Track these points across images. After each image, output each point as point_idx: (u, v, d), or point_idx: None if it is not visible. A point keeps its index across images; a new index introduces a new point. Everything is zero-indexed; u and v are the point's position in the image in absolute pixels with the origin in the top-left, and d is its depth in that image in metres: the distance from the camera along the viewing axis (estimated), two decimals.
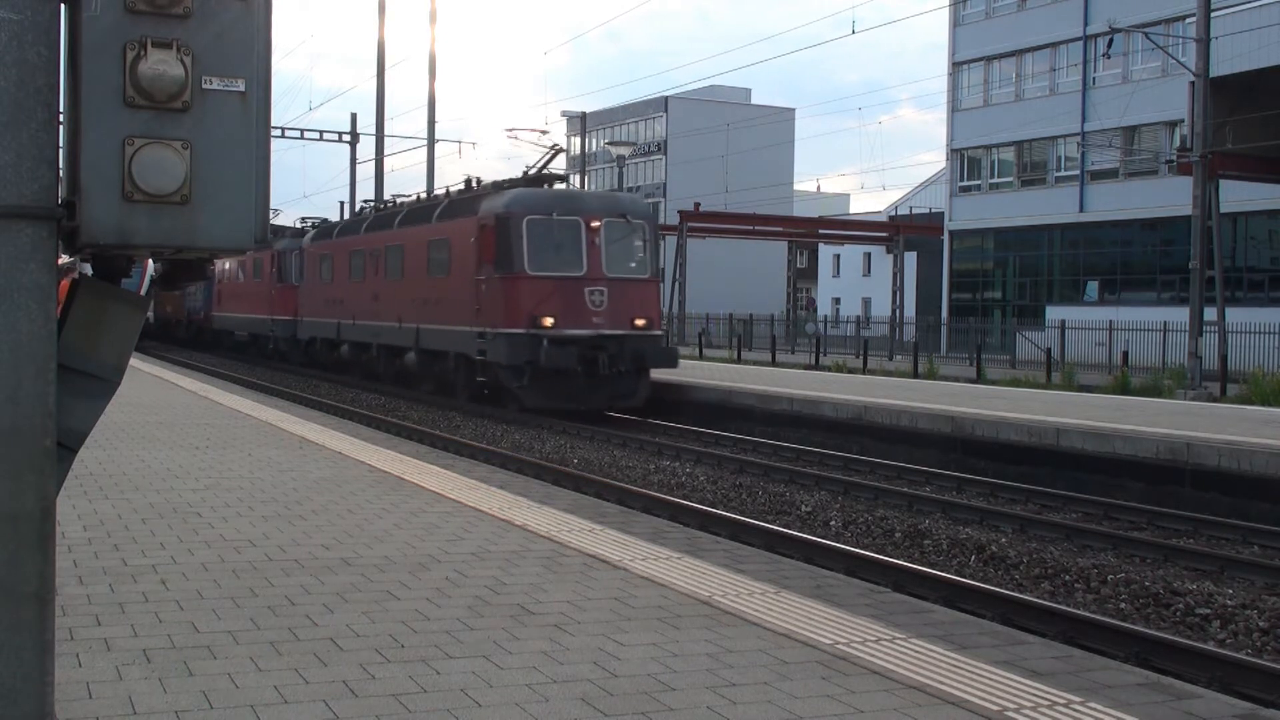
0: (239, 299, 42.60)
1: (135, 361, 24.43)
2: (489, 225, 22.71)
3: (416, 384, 27.24)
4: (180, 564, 6.49)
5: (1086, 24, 46.87)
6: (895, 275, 54.23)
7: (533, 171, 24.75)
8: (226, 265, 43.07)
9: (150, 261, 3.39)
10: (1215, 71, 30.80)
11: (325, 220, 40.26)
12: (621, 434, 18.79)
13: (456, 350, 24.14)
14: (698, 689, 4.58)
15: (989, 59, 52.53)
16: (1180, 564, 10.08)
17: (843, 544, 11.10)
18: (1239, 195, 37.64)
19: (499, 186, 24.31)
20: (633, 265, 23.12)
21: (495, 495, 9.33)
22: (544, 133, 34.43)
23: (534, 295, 21.64)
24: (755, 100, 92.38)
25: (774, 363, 38.69)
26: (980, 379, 30.59)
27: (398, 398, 26.72)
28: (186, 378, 24.14)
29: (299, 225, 41.65)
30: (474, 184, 26.27)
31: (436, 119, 42.92)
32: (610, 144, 44.91)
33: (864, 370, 34.03)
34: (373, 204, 36.55)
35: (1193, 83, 30.24)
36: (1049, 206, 48.74)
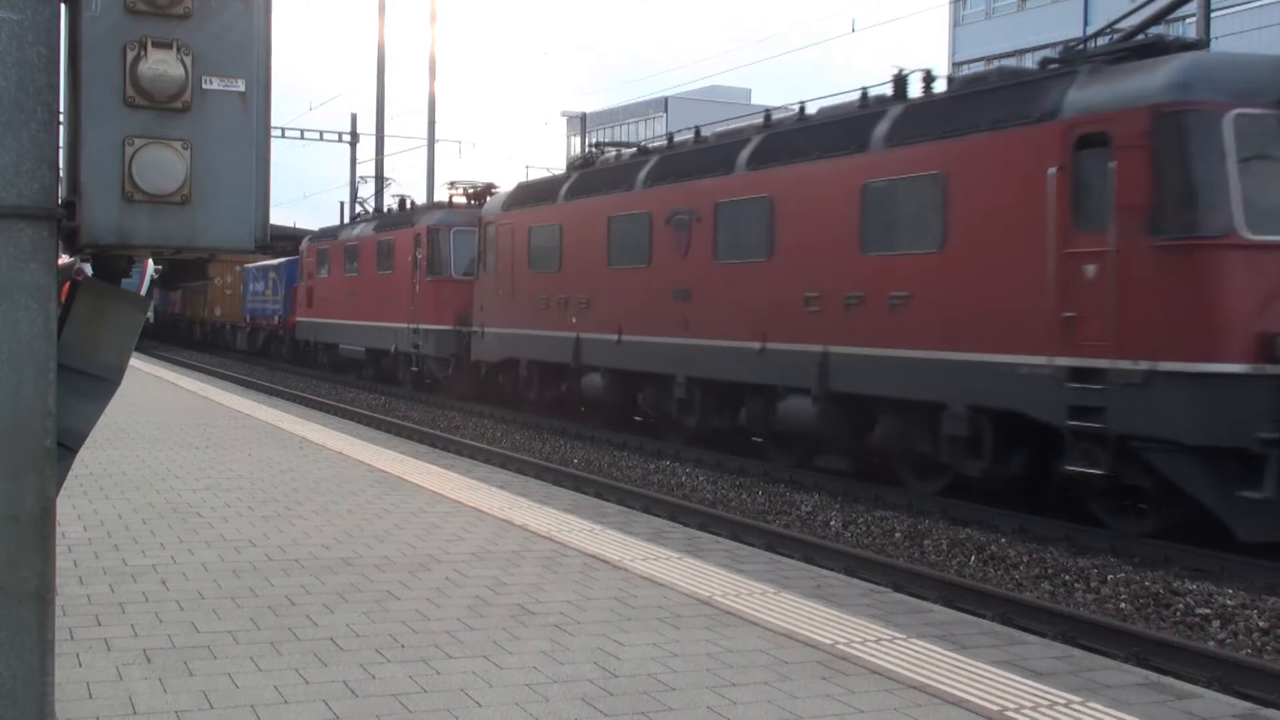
0: (347, 299, 31.39)
1: (135, 361, 24.45)
2: None
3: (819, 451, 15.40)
4: (180, 564, 6.49)
5: (1086, 24, 46.89)
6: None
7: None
8: (324, 249, 34.03)
9: (150, 262, 3.39)
10: None
11: (495, 188, 27.59)
12: (621, 434, 18.78)
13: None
14: (698, 689, 4.58)
15: (989, 59, 52.52)
16: (1180, 564, 10.08)
17: (843, 544, 11.09)
18: None
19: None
20: None
21: (495, 495, 9.33)
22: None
23: None
24: (755, 100, 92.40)
25: None
26: None
27: (397, 398, 26.68)
28: (186, 378, 24.15)
29: (396, 200, 32.58)
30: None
31: (437, 119, 42.98)
32: (609, 144, 44.87)
33: None
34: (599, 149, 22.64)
35: None
36: None
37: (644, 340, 17.60)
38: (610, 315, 18.46)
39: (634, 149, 20.33)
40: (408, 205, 31.10)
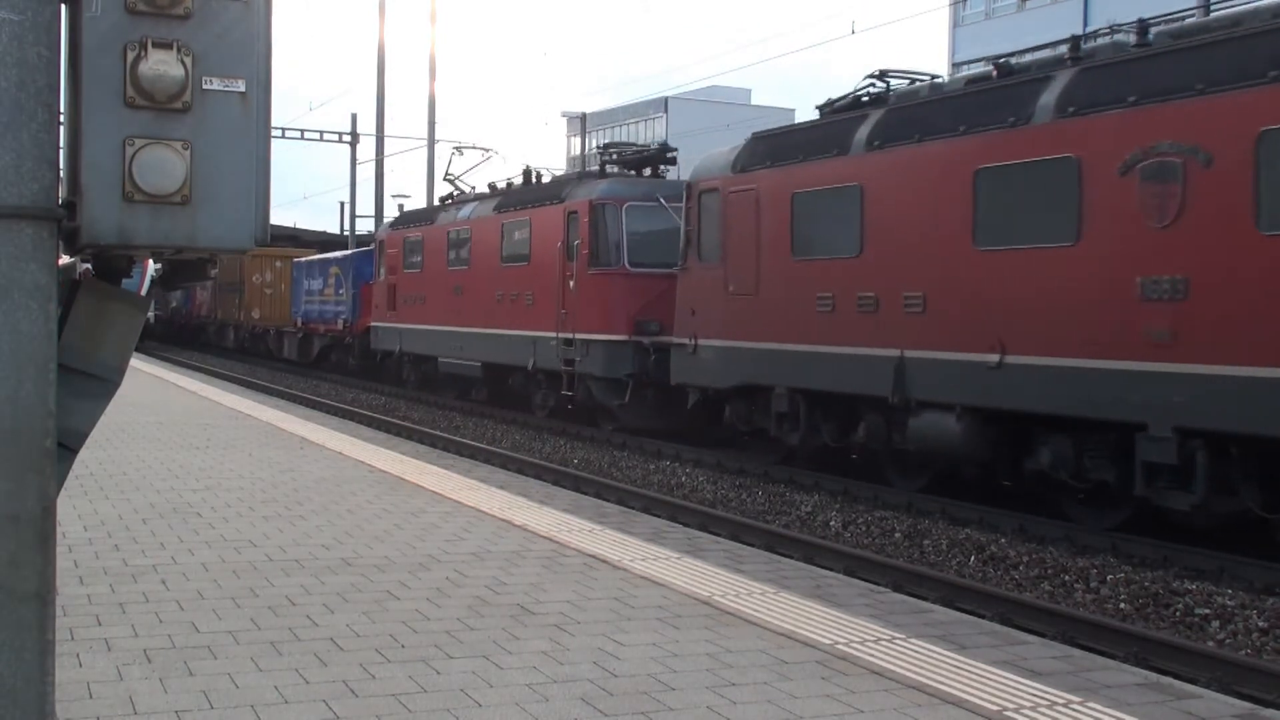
0: (451, 299, 24.47)
1: (135, 361, 24.45)
2: None
3: None
4: (181, 564, 6.49)
5: (1086, 24, 46.88)
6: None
7: None
8: (415, 237, 26.76)
9: (150, 262, 3.39)
10: None
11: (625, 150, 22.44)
12: (622, 435, 18.79)
13: None
14: (698, 689, 4.58)
15: (989, 59, 52.54)
16: (1180, 564, 10.08)
17: (842, 544, 11.10)
18: None
19: None
20: None
21: (495, 495, 9.33)
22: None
23: None
24: (755, 100, 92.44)
25: None
26: None
27: (397, 398, 26.68)
28: (186, 378, 24.15)
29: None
30: None
31: (437, 119, 42.85)
32: (610, 145, 44.89)
33: None
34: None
35: None
36: None
37: (1063, 365, 11.05)
38: (978, 322, 11.95)
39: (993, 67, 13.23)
40: (535, 178, 23.66)
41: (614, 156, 21.91)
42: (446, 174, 28.49)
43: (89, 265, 3.16)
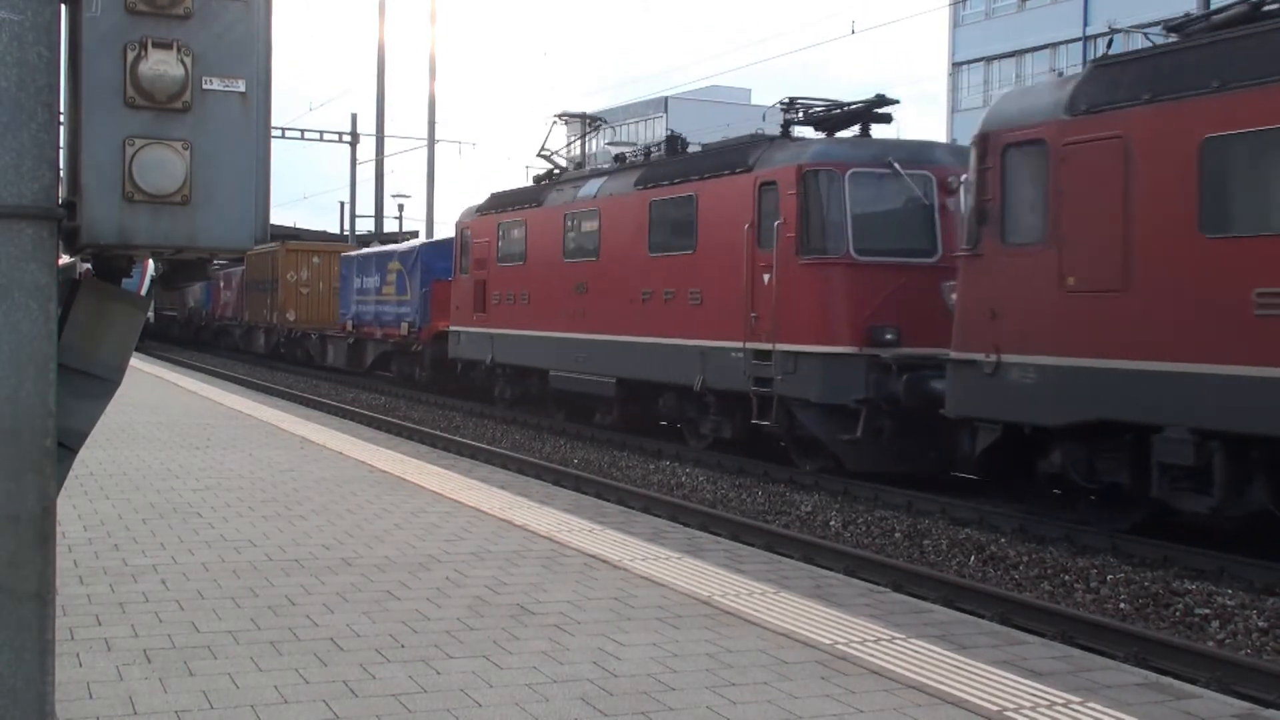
0: (570, 299, 19.65)
1: (135, 361, 24.45)
2: None
3: None
4: (180, 564, 6.49)
5: (1086, 24, 46.90)
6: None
7: None
8: (513, 221, 21.76)
9: (150, 261, 3.40)
10: None
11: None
12: (622, 435, 18.79)
13: None
14: (698, 689, 4.58)
15: (989, 59, 52.57)
16: (1180, 564, 10.08)
17: (842, 544, 11.10)
18: None
19: None
20: None
21: (495, 495, 9.33)
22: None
23: None
24: (755, 101, 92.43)
25: None
26: None
27: (398, 397, 26.69)
28: (186, 378, 24.16)
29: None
30: None
31: (437, 119, 42.80)
32: (610, 144, 44.99)
33: None
34: None
35: None
36: None
37: None
38: None
39: None
40: (680, 147, 18.75)
41: (799, 114, 16.25)
42: (542, 149, 22.91)
43: (89, 265, 3.16)
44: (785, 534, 11.38)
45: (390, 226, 51.86)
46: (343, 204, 57.04)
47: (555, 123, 23.46)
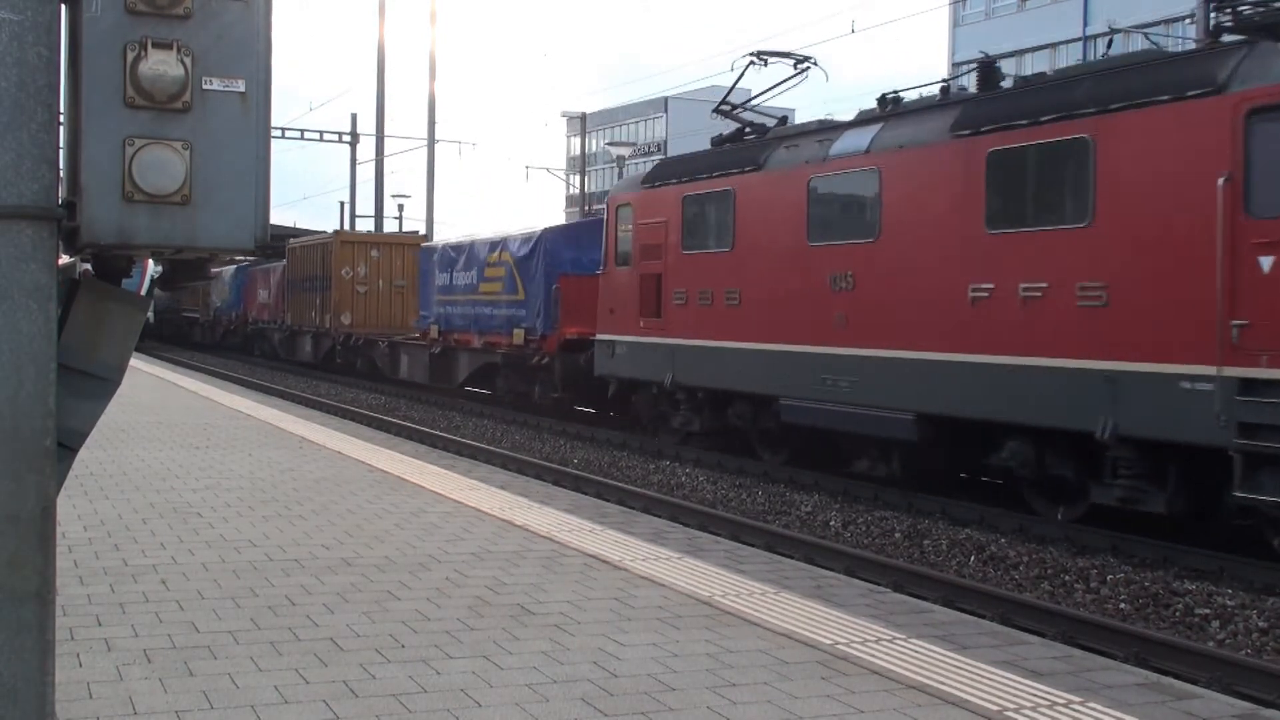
0: (815, 299, 14.18)
1: (135, 361, 24.43)
2: None
3: None
4: (180, 564, 6.49)
5: (1086, 24, 46.90)
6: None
7: None
8: (710, 193, 16.27)
9: (150, 261, 3.39)
10: None
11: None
12: (622, 435, 18.79)
13: None
14: (698, 689, 4.58)
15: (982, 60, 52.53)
16: (1180, 564, 10.08)
17: (843, 544, 11.10)
18: None
19: None
20: None
21: (495, 495, 9.33)
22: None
23: None
24: (755, 101, 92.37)
25: None
26: None
27: (397, 397, 26.66)
28: (186, 378, 24.15)
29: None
30: None
31: (437, 119, 42.81)
32: (610, 144, 44.97)
33: None
34: None
35: None
36: None
37: None
38: None
39: None
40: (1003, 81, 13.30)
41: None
42: (724, 101, 17.55)
43: (89, 265, 3.16)
44: (786, 534, 11.38)
45: (390, 226, 51.68)
46: (343, 204, 57.03)
47: (752, 62, 17.40)
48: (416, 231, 46.42)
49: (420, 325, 27.65)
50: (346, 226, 55.00)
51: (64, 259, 3.02)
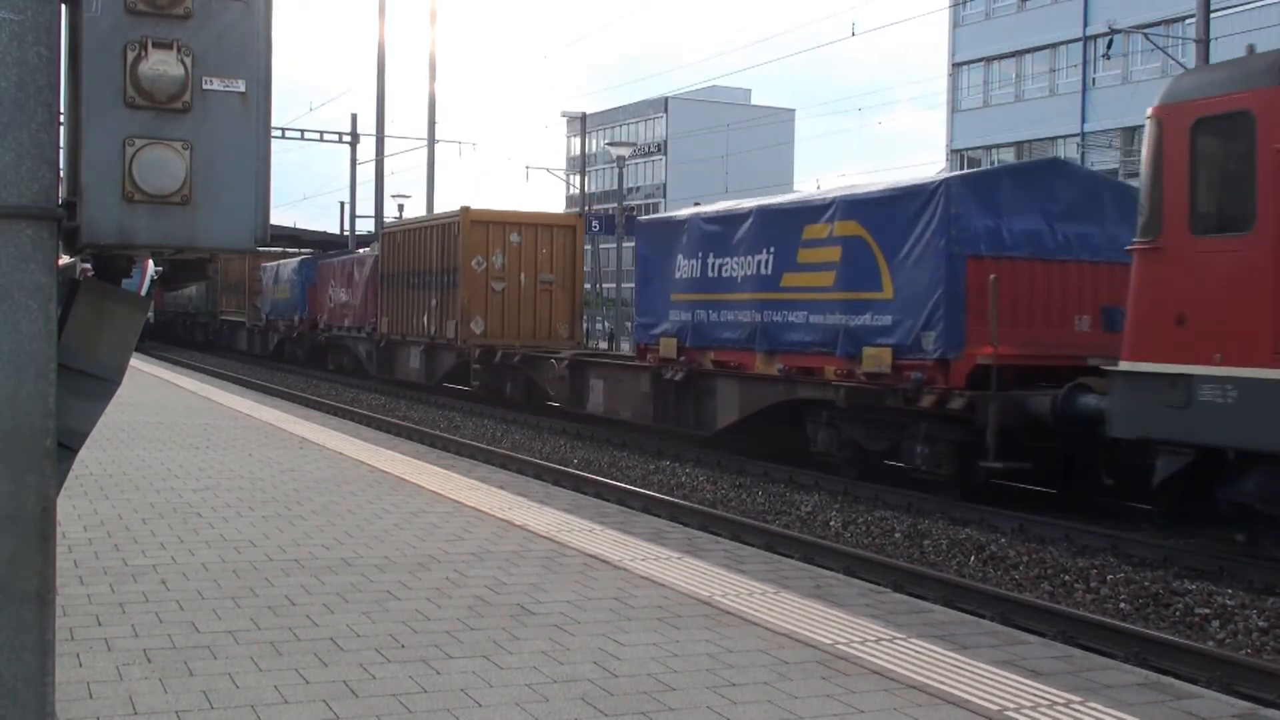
0: None
1: (135, 361, 24.38)
2: None
3: None
4: (180, 564, 6.49)
5: (1086, 25, 46.89)
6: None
7: None
8: None
9: (150, 261, 3.39)
10: None
11: None
12: (621, 434, 18.79)
13: None
14: (698, 689, 4.58)
15: (989, 60, 52.55)
16: (1180, 564, 10.08)
17: (843, 544, 11.10)
18: None
19: None
20: None
21: (495, 495, 9.33)
22: None
23: None
24: (755, 101, 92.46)
25: None
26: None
27: (397, 397, 26.65)
28: (186, 378, 24.15)
29: None
30: None
31: (437, 119, 42.74)
32: (610, 144, 44.96)
33: None
34: None
35: None
36: None
37: None
38: None
39: None
40: None
41: None
42: None
43: (89, 265, 3.16)
44: (786, 534, 11.38)
45: None
46: (343, 204, 56.99)
47: None
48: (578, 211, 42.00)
49: (642, 338, 18.63)
50: (346, 227, 54.56)
51: (64, 259, 3.02)
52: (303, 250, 44.01)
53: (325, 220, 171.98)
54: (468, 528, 7.82)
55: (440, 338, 25.15)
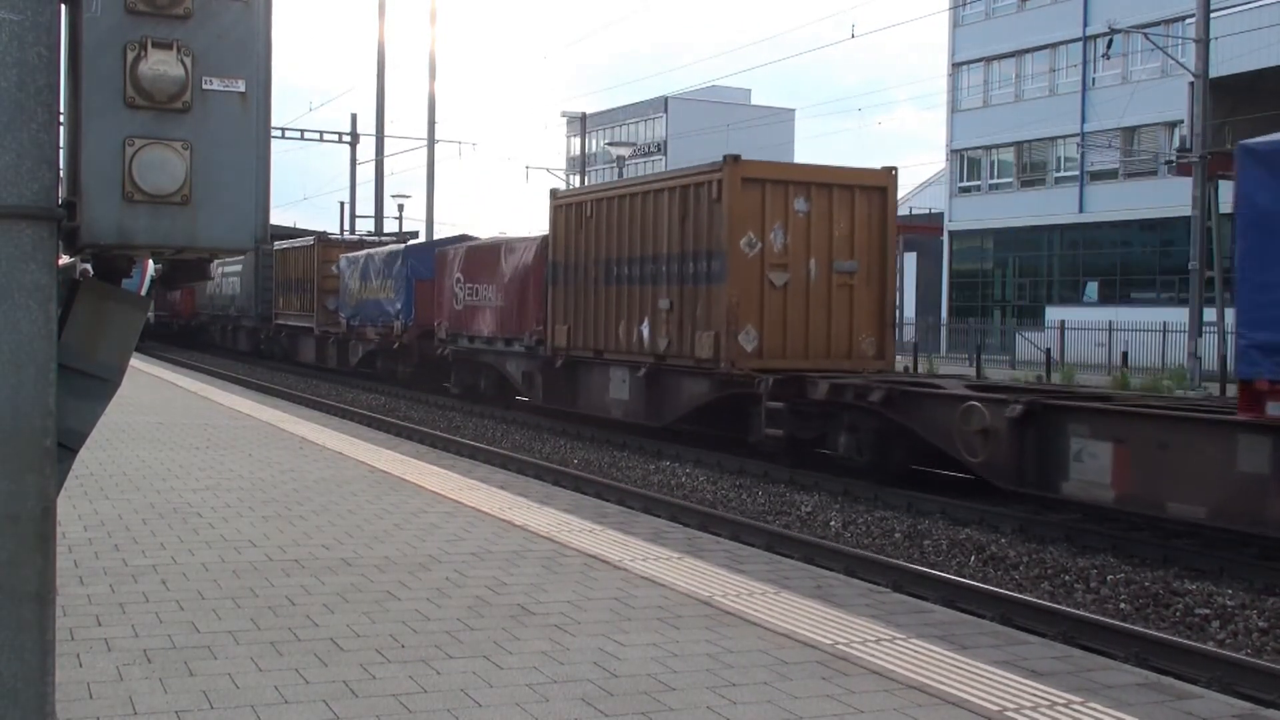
0: None
1: (135, 361, 24.37)
2: None
3: None
4: (181, 564, 6.49)
5: (1086, 24, 46.86)
6: (895, 276, 53.82)
7: None
8: None
9: (150, 261, 3.39)
10: (1215, 72, 30.85)
11: None
12: (621, 435, 18.78)
13: None
14: (698, 689, 4.58)
15: (989, 60, 52.53)
16: (1180, 564, 10.08)
17: (843, 544, 11.10)
18: None
19: None
20: None
21: (495, 495, 9.33)
22: None
23: None
24: (755, 101, 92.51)
25: None
26: (979, 379, 30.59)
27: (397, 397, 26.62)
28: (186, 378, 24.14)
29: None
30: None
31: (437, 119, 42.73)
32: (610, 144, 44.95)
33: None
34: None
35: (1192, 83, 30.33)
36: (1048, 207, 48.76)
37: None
38: None
39: None
40: None
41: None
42: None
43: (89, 265, 3.16)
44: (786, 534, 11.38)
45: (390, 227, 51.56)
46: (343, 204, 56.97)
47: None
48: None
49: (1265, 369, 9.42)
50: (347, 227, 54.11)
51: (64, 259, 3.02)
52: (403, 235, 37.11)
53: (325, 220, 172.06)
54: (468, 528, 7.82)
55: (679, 356, 16.73)
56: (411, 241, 31.02)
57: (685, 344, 16.63)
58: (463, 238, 28.05)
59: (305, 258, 34.80)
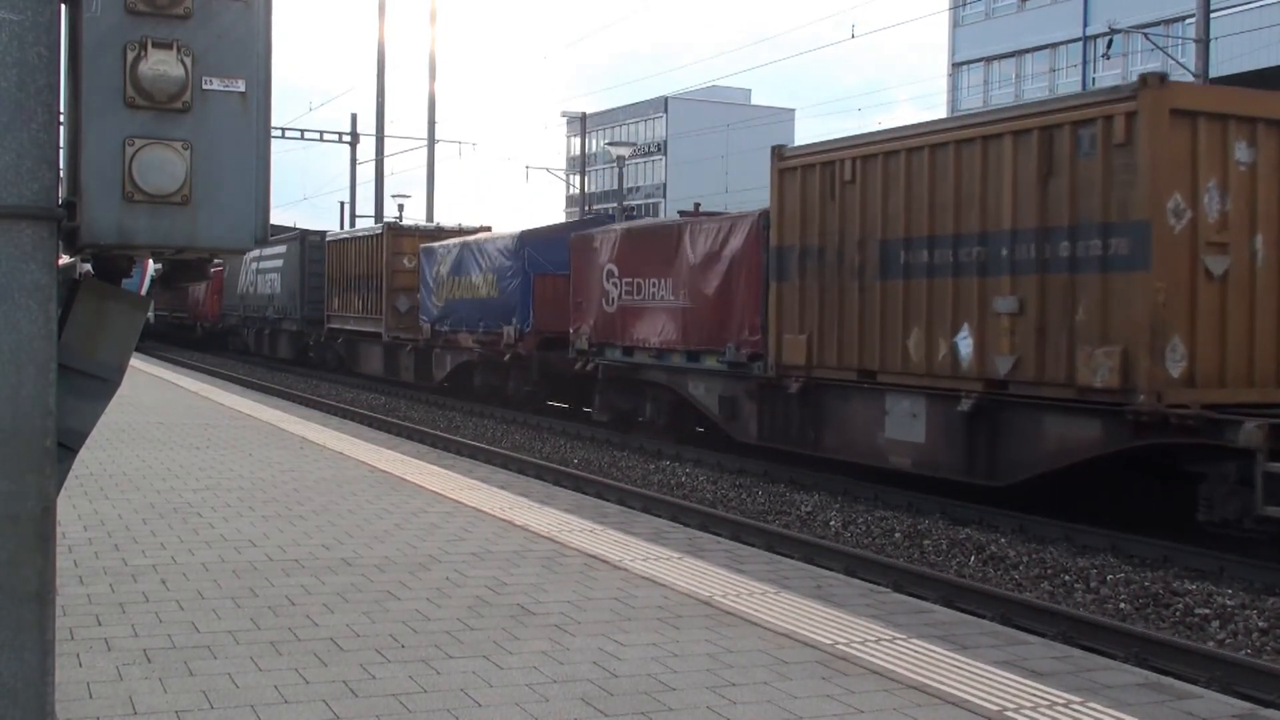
0: None
1: (135, 361, 24.36)
2: None
3: None
4: (181, 564, 6.49)
5: (1086, 25, 46.90)
6: None
7: None
8: None
9: (150, 261, 3.40)
10: (1215, 72, 30.83)
11: None
12: (621, 435, 18.77)
13: None
14: (698, 689, 4.58)
15: (989, 60, 52.57)
16: (1180, 564, 10.08)
17: (843, 544, 11.10)
18: None
19: None
20: None
21: (496, 495, 9.33)
22: None
23: None
24: (755, 101, 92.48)
25: None
26: None
27: (397, 398, 26.62)
28: (186, 378, 24.14)
29: None
30: None
31: (437, 119, 42.72)
32: (610, 144, 44.92)
33: None
34: None
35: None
36: None
37: None
38: None
39: None
40: None
41: None
42: None
43: (89, 265, 3.16)
44: (786, 534, 11.38)
45: None
46: (343, 204, 56.96)
47: None
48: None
49: None
50: (347, 227, 53.98)
51: (64, 259, 3.02)
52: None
53: (325, 220, 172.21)
54: (468, 528, 7.82)
55: (1041, 383, 11.34)
56: (520, 229, 23.25)
57: (1053, 364, 11.17)
58: (597, 219, 21.66)
59: (370, 249, 28.62)
